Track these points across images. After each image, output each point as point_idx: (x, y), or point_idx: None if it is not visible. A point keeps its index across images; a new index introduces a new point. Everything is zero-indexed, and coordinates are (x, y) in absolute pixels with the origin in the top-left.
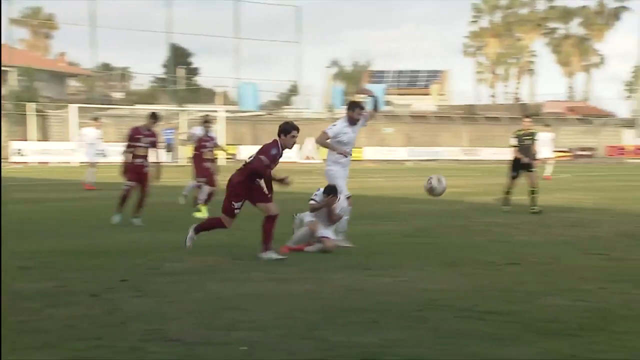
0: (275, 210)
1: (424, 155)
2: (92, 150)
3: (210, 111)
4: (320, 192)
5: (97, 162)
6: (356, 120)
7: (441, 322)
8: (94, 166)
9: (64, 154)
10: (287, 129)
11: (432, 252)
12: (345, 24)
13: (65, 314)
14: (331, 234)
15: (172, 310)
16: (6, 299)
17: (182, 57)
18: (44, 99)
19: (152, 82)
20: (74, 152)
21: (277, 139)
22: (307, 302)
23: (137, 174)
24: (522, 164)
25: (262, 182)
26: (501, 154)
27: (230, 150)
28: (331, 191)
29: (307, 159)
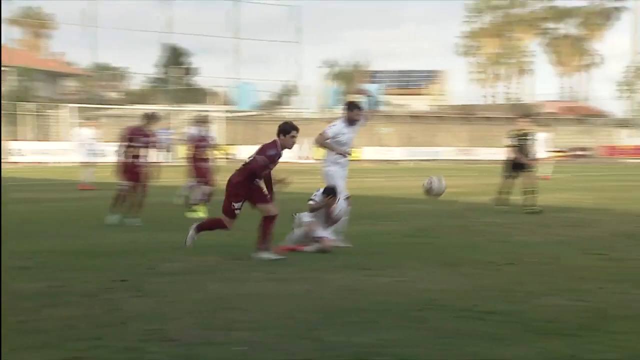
0: (274, 210)
1: (422, 155)
2: (89, 150)
3: (207, 111)
4: (319, 193)
5: (95, 162)
6: (355, 120)
7: (440, 322)
8: (91, 166)
9: (61, 154)
10: (286, 129)
11: (431, 252)
12: (343, 24)
13: (64, 314)
14: (329, 234)
15: (171, 310)
16: (6, 298)
17: (180, 57)
18: (41, 99)
19: (150, 82)
20: (71, 152)
21: (277, 139)
22: (306, 302)
23: (133, 174)
24: (519, 164)
25: (261, 182)
26: (499, 154)
27: (227, 150)
28: (330, 192)
29: (304, 159)
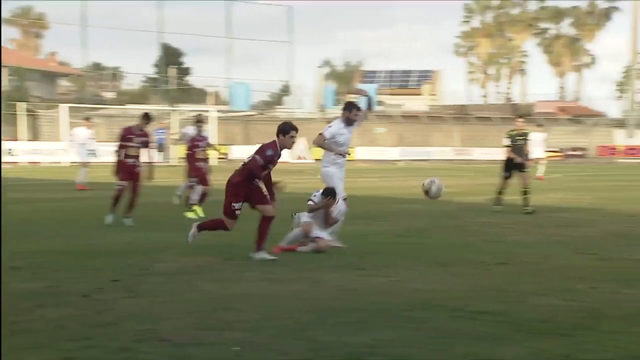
0: (272, 212)
1: (416, 155)
2: (84, 150)
3: (201, 111)
4: (319, 194)
5: (89, 162)
6: (353, 121)
7: (433, 322)
8: (86, 166)
9: (55, 154)
10: (285, 129)
11: (425, 252)
12: (337, 24)
13: (56, 314)
14: (325, 235)
15: (164, 310)
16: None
17: (174, 57)
18: (34, 99)
19: (144, 81)
20: (65, 152)
21: (276, 139)
22: (299, 302)
23: (129, 173)
24: (515, 164)
25: (260, 182)
26: (493, 154)
27: (222, 150)
28: (329, 193)
29: (299, 159)
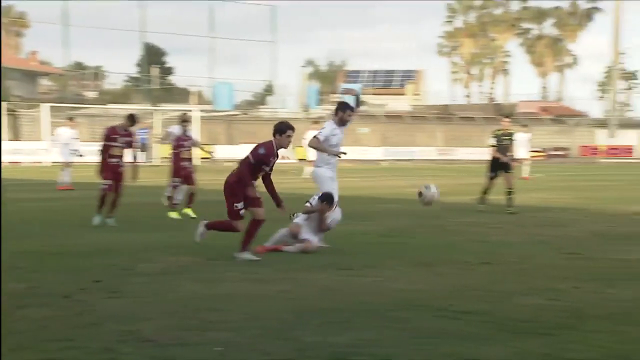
0: (263, 215)
1: (400, 155)
2: (67, 150)
3: (184, 110)
4: (316, 198)
5: (72, 162)
6: (346, 121)
7: (417, 322)
8: (69, 166)
9: (36, 154)
10: (282, 129)
11: (409, 252)
12: (320, 24)
13: (38, 315)
14: (314, 239)
15: (146, 310)
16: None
17: (156, 57)
18: (15, 98)
19: (126, 81)
20: (46, 151)
21: (273, 139)
22: (283, 303)
23: (113, 173)
24: (501, 164)
25: (254, 183)
26: (476, 153)
27: (209, 149)
28: (326, 199)
29: (283, 159)
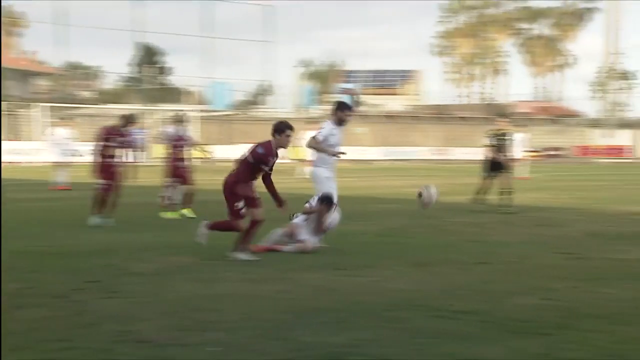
0: (261, 216)
1: (396, 155)
2: (64, 150)
3: (182, 110)
4: (316, 198)
5: (69, 162)
6: (345, 121)
7: (414, 322)
8: (66, 166)
9: (32, 154)
10: (281, 128)
11: (405, 251)
12: (317, 24)
13: (34, 316)
14: (313, 239)
15: (143, 311)
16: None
17: (153, 56)
18: (12, 98)
19: (123, 81)
20: (43, 151)
21: (272, 139)
22: (280, 303)
23: (109, 173)
24: (497, 164)
25: (254, 183)
26: (472, 153)
27: (205, 149)
28: (325, 200)
29: (282, 159)
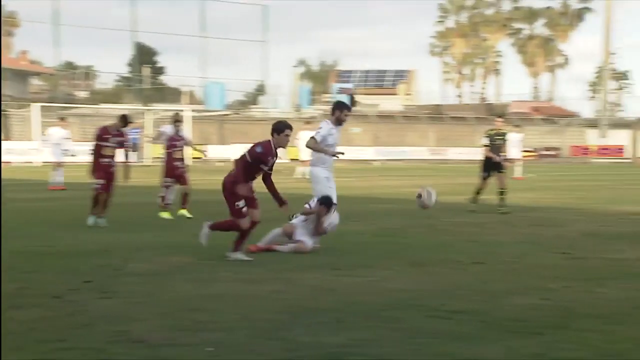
0: (258, 217)
1: (391, 155)
2: (58, 150)
3: (176, 110)
4: (315, 200)
5: (64, 162)
6: (343, 120)
7: (409, 322)
8: (61, 166)
9: (26, 154)
10: (279, 128)
11: (402, 251)
12: (312, 24)
13: (28, 316)
14: (309, 241)
15: (138, 311)
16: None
17: (148, 56)
18: (5, 98)
19: (117, 81)
20: (37, 151)
21: (271, 138)
22: (274, 303)
23: (105, 173)
24: (494, 164)
25: (252, 183)
26: (467, 153)
27: (200, 149)
28: (324, 201)
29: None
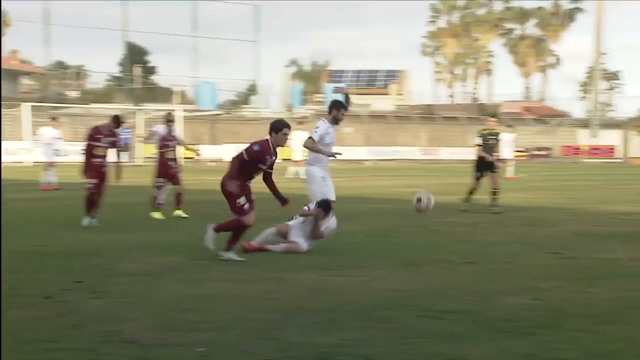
0: (252, 219)
1: (383, 155)
2: (50, 149)
3: (168, 110)
4: (314, 202)
5: (55, 162)
6: (340, 119)
7: (401, 322)
8: (52, 166)
9: (17, 154)
10: (277, 127)
11: (394, 251)
12: (304, 23)
13: (19, 316)
14: (303, 242)
15: (129, 311)
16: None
17: (139, 56)
18: None
19: (108, 80)
20: (28, 151)
21: (269, 137)
22: (266, 302)
23: (97, 173)
24: (486, 164)
25: (250, 183)
26: (459, 153)
27: (193, 148)
28: (322, 205)
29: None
